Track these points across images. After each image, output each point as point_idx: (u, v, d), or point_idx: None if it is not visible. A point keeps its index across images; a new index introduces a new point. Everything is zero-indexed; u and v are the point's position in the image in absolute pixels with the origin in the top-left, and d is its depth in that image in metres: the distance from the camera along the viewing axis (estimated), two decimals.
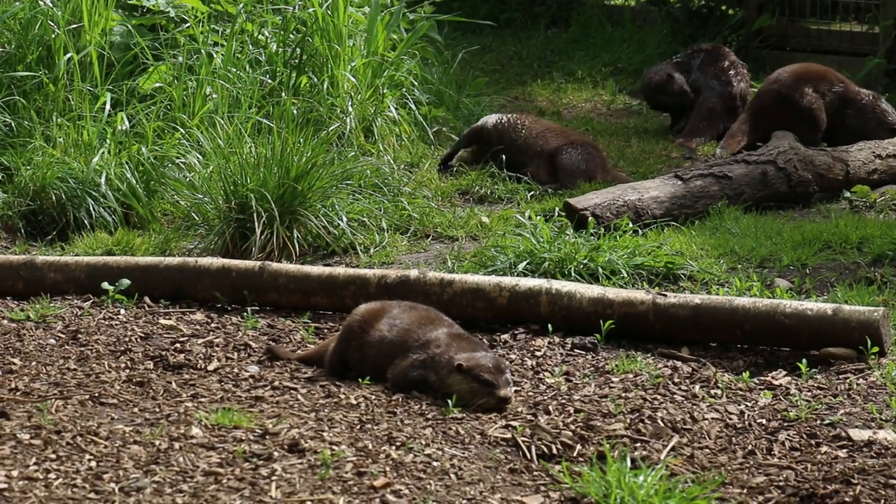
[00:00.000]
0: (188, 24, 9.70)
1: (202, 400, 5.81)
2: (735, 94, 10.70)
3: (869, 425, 5.53)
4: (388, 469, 5.03)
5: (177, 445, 5.19)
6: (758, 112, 10.11)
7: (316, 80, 9.77)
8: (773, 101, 10.04)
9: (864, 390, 5.92)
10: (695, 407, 5.74)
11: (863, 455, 5.26)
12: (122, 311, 6.98)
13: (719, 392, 5.93)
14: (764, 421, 5.61)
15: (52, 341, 6.54)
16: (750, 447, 5.36)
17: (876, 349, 6.18)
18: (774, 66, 11.15)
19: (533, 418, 5.56)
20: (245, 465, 5.04)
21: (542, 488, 4.97)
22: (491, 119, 9.79)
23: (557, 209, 8.34)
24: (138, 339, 6.59)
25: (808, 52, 12.36)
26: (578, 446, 5.30)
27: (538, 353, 6.40)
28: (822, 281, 7.31)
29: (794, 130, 9.62)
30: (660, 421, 5.54)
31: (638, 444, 5.34)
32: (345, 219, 8.09)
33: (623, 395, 5.87)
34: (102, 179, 8.49)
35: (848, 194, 8.83)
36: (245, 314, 6.95)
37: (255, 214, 7.86)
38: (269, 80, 9.70)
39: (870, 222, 8.15)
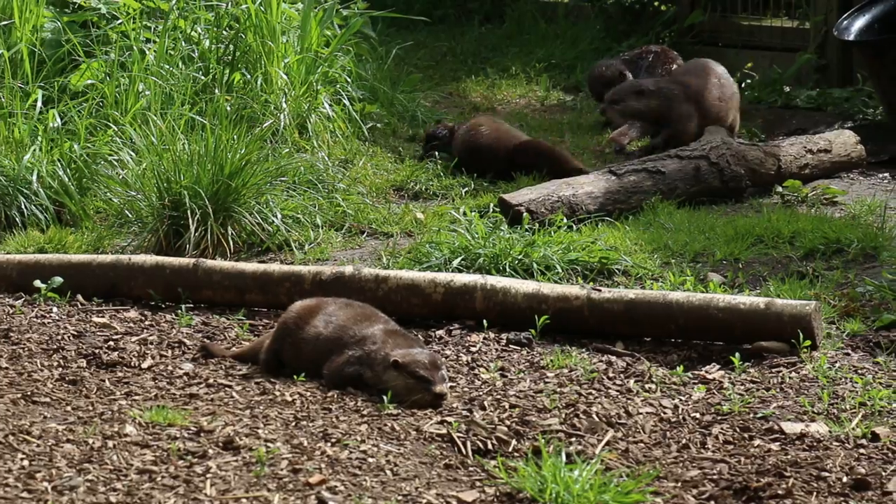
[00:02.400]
0: (120, 21, 9.64)
1: (136, 398, 5.78)
2: None
3: (801, 418, 5.57)
4: (323, 466, 5.02)
5: (110, 444, 5.15)
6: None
7: (249, 76, 9.73)
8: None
9: (797, 384, 5.96)
10: (629, 401, 5.76)
11: (795, 448, 5.30)
12: (55, 310, 6.93)
13: (654, 386, 5.95)
14: (698, 415, 5.64)
15: None
16: (684, 441, 5.39)
17: (808, 343, 6.23)
18: None
19: (468, 414, 5.57)
20: (179, 462, 5.01)
21: (478, 483, 4.97)
22: None
23: (492, 205, 8.35)
24: (71, 338, 6.54)
25: (739, 47, 12.45)
26: (514, 441, 5.31)
27: (473, 349, 6.40)
28: (755, 275, 7.35)
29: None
30: (595, 415, 5.56)
31: (573, 439, 5.35)
32: (279, 215, 8.07)
33: (558, 390, 5.88)
34: (34, 177, 8.41)
35: (780, 189, 8.89)
36: (179, 311, 6.91)
37: (188, 211, 7.81)
38: (202, 77, 9.64)
39: (801, 217, 8.21)
